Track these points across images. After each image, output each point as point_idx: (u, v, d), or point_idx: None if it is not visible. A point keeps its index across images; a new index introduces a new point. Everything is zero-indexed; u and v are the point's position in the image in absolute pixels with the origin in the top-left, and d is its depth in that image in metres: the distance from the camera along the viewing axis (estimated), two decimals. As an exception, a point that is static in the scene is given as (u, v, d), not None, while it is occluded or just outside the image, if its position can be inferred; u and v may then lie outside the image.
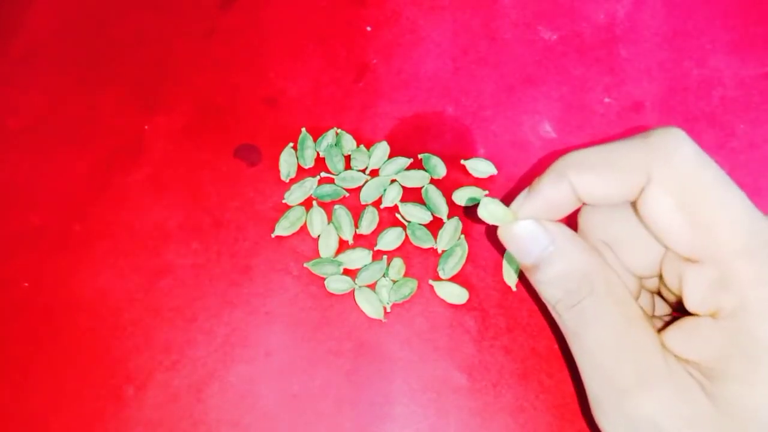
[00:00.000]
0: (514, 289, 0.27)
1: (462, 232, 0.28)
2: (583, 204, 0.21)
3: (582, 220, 0.22)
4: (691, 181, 0.18)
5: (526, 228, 0.21)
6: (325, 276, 0.28)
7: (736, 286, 0.17)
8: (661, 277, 0.21)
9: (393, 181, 0.30)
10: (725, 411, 0.18)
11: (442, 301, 0.27)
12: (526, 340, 0.27)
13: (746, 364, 0.17)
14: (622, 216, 0.21)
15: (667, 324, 0.21)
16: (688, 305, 0.19)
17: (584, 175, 0.19)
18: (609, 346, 0.19)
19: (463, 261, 0.28)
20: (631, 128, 0.31)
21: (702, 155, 0.18)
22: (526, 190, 0.21)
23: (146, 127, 0.31)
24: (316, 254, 0.28)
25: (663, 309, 0.24)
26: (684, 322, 0.19)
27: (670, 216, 0.18)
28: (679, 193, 0.18)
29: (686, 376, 0.18)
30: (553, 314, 0.21)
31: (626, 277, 0.22)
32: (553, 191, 0.20)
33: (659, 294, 0.23)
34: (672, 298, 0.22)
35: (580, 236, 0.22)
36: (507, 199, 0.29)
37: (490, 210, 0.21)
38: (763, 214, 0.18)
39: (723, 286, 0.17)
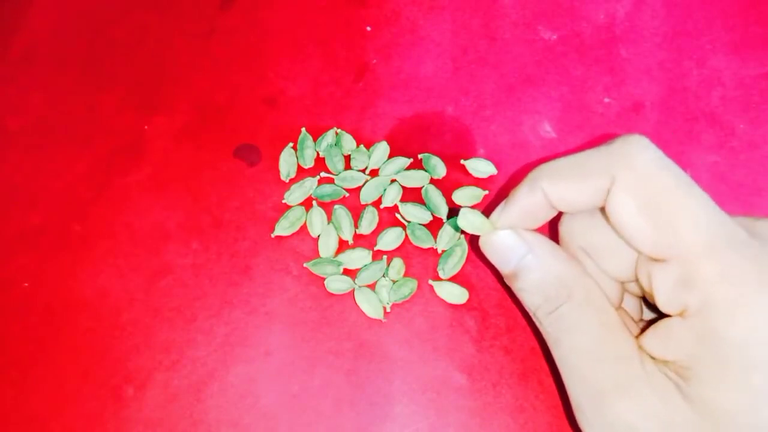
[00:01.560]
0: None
1: (462, 232, 0.28)
2: (562, 214, 0.22)
3: (562, 229, 0.23)
4: (652, 183, 0.18)
5: (504, 237, 0.22)
6: (325, 276, 0.28)
7: (700, 284, 0.17)
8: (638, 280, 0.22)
9: (393, 181, 0.30)
10: (701, 412, 0.18)
11: (442, 301, 0.27)
12: (526, 340, 0.27)
13: (716, 363, 0.17)
14: (598, 223, 0.21)
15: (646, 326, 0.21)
16: (659, 305, 0.19)
17: (555, 183, 0.20)
18: (587, 352, 0.20)
19: (463, 261, 0.28)
20: (631, 129, 0.31)
21: (663, 159, 0.19)
22: (504, 201, 0.22)
23: (146, 127, 0.31)
24: (316, 254, 0.28)
25: (650, 312, 0.24)
26: (658, 325, 0.19)
27: (633, 218, 0.19)
28: (641, 195, 0.18)
29: (663, 378, 0.19)
30: (535, 321, 0.22)
31: (608, 282, 0.22)
32: (527, 200, 0.21)
33: (644, 298, 0.24)
34: (652, 300, 0.22)
35: (561, 245, 0.23)
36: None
37: (469, 220, 0.22)
38: (726, 214, 0.18)
39: (687, 284, 0.18)
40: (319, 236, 0.29)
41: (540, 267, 0.21)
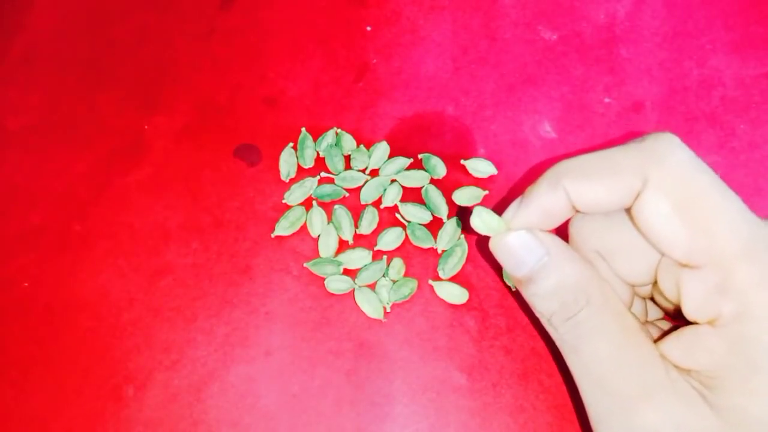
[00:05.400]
0: (513, 289, 0.27)
1: (462, 232, 0.28)
2: (575, 213, 0.21)
3: (574, 229, 0.22)
4: (687, 184, 0.17)
5: (519, 238, 0.20)
6: (325, 276, 0.28)
7: (736, 290, 0.17)
8: (655, 284, 0.21)
9: (393, 181, 0.30)
10: (729, 420, 0.17)
11: (442, 301, 0.27)
12: (526, 340, 0.27)
13: (749, 371, 0.17)
14: (615, 224, 0.20)
15: (665, 333, 0.20)
16: (687, 313, 0.18)
17: (580, 182, 0.19)
18: (609, 359, 0.19)
19: (463, 261, 0.28)
20: (631, 129, 0.31)
21: (697, 160, 0.18)
22: (518, 199, 0.21)
23: (146, 127, 0.31)
24: (316, 254, 0.28)
25: (655, 313, 0.23)
26: (683, 332, 0.18)
27: (666, 221, 0.18)
28: (675, 197, 0.17)
29: (687, 386, 0.18)
30: (548, 328, 0.20)
31: (619, 286, 0.22)
32: (547, 200, 0.20)
33: (651, 299, 0.23)
34: (667, 305, 0.22)
35: (572, 246, 0.21)
36: (506, 201, 0.29)
37: (484, 219, 0.20)
38: (760, 218, 0.18)
39: (722, 291, 0.17)
40: (319, 236, 0.29)
41: (557, 271, 0.20)
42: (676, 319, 0.22)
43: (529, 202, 0.20)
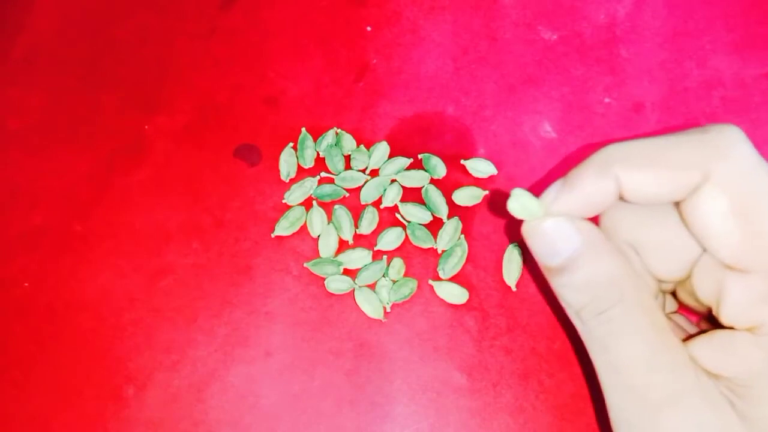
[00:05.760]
0: (514, 289, 0.27)
1: (462, 232, 0.28)
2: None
3: (607, 219, 0.20)
4: (749, 184, 0.16)
5: (557, 225, 0.19)
6: (325, 276, 0.28)
7: None
8: (681, 282, 0.20)
9: (393, 181, 0.30)
10: (757, 431, 0.17)
11: (442, 301, 0.27)
12: (526, 340, 0.27)
13: None
14: (652, 216, 0.19)
15: (691, 335, 0.20)
16: (725, 316, 0.17)
17: (633, 171, 0.17)
18: (641, 359, 0.18)
19: (463, 261, 0.28)
20: (631, 129, 0.31)
21: (760, 157, 0.17)
22: (559, 181, 0.19)
23: (146, 127, 0.31)
24: (316, 254, 0.28)
25: (670, 306, 0.23)
26: (716, 336, 0.18)
27: (722, 219, 0.17)
28: (735, 196, 0.16)
29: (717, 393, 0.17)
30: (575, 320, 0.19)
31: (647, 280, 0.21)
32: (594, 186, 0.18)
33: (671, 293, 0.22)
34: (692, 303, 0.21)
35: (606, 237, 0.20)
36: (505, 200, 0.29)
37: (523, 202, 0.19)
38: None
39: None
40: (319, 236, 0.29)
41: (592, 262, 0.18)
42: (698, 315, 0.21)
43: (572, 187, 0.18)
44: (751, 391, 0.17)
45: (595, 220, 0.21)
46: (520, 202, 0.19)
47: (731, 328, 0.18)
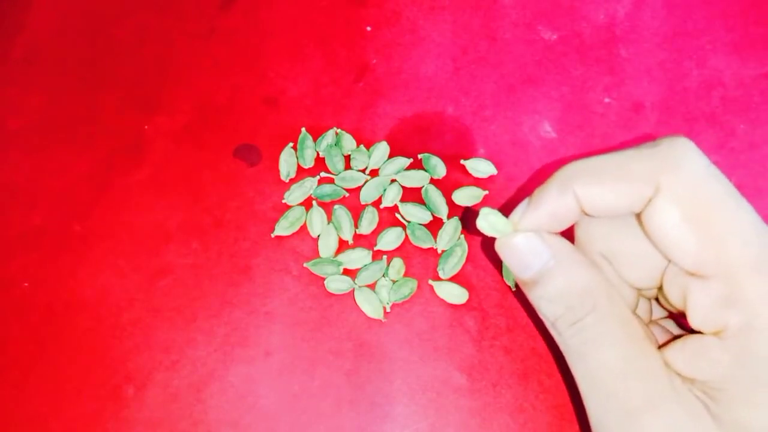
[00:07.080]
0: (513, 289, 0.27)
1: (462, 232, 0.28)
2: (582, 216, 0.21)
3: (580, 232, 0.22)
4: (700, 193, 0.17)
5: (526, 240, 0.20)
6: (325, 276, 0.28)
7: (744, 303, 0.16)
8: (660, 289, 0.21)
9: (393, 181, 0.30)
10: None
11: (442, 301, 0.27)
12: (526, 340, 0.27)
13: (753, 385, 0.17)
14: (622, 228, 0.20)
15: (671, 337, 0.20)
16: (692, 322, 0.18)
17: (590, 186, 0.19)
18: (614, 366, 0.18)
19: (463, 261, 0.28)
20: (631, 129, 0.31)
21: (711, 167, 0.17)
22: (525, 200, 0.20)
23: (146, 127, 0.31)
24: (316, 254, 0.28)
25: (659, 312, 0.23)
26: (687, 341, 0.18)
27: (677, 228, 0.17)
28: (687, 205, 0.17)
29: (691, 397, 0.18)
30: (552, 331, 0.20)
31: (624, 289, 0.21)
32: (556, 203, 0.19)
33: (656, 300, 0.23)
34: (671, 309, 0.22)
35: (577, 249, 0.21)
36: (507, 201, 0.29)
37: (491, 221, 0.20)
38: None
39: (730, 302, 0.17)
40: (319, 236, 0.29)
41: (563, 274, 0.19)
42: (679, 318, 0.22)
43: (537, 205, 0.20)
44: (722, 393, 0.17)
45: (570, 233, 0.22)
46: (488, 221, 0.20)
47: (701, 333, 0.18)
